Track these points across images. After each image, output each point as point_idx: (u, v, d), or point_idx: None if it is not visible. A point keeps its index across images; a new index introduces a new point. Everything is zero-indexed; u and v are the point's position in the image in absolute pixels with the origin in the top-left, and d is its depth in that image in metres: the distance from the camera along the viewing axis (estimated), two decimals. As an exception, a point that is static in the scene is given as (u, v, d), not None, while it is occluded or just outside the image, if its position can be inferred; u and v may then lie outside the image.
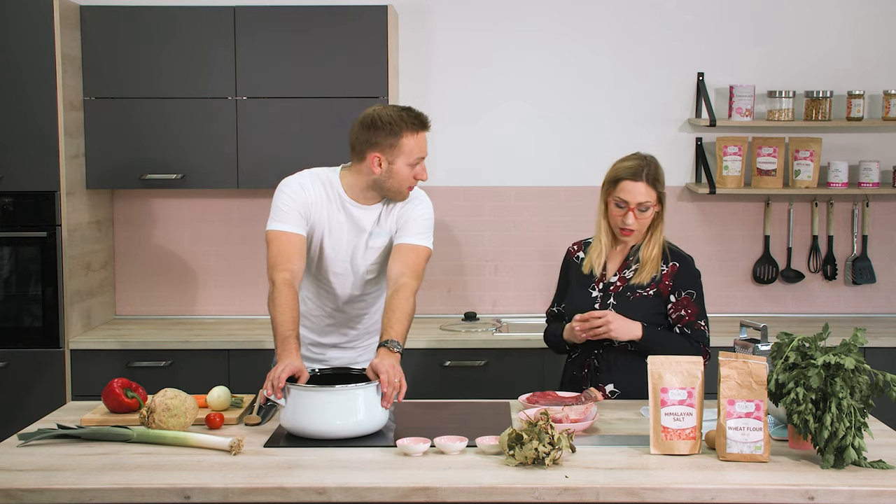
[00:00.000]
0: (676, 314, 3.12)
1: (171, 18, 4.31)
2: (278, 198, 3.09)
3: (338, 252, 3.13)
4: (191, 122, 4.35)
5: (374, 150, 3.00)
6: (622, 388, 3.14)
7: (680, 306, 3.11)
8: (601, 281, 3.18)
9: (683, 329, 3.11)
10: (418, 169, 3.04)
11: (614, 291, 3.15)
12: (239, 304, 4.76)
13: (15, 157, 4.16)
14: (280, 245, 3.02)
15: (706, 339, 3.13)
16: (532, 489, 2.31)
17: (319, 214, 3.09)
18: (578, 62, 4.69)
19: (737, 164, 4.59)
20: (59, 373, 4.20)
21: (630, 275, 3.15)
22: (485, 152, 4.74)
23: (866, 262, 4.71)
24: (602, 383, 3.16)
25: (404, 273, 3.00)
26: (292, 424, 2.66)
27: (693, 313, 3.12)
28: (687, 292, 3.13)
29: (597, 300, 3.17)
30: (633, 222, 3.09)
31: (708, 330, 3.15)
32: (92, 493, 2.31)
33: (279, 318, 2.88)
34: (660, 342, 3.06)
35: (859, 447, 2.41)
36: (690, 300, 3.12)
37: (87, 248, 4.41)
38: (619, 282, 3.16)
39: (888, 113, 4.51)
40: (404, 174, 3.02)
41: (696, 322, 3.12)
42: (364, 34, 4.29)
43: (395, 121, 2.98)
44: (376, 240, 3.13)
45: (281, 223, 3.05)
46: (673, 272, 3.12)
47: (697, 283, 3.16)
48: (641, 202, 3.07)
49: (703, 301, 3.17)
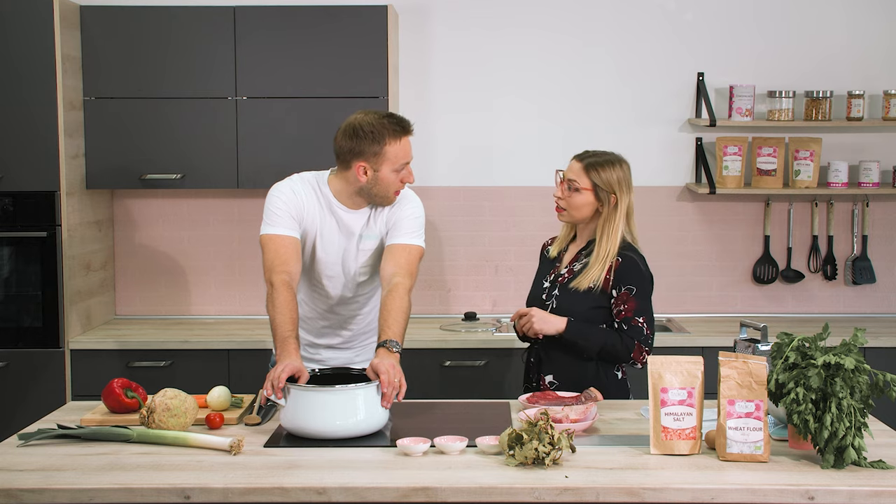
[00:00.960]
0: (616, 308, 3.14)
1: (171, 18, 4.31)
2: (271, 202, 3.10)
3: (329, 255, 3.14)
4: (191, 122, 4.35)
5: (358, 160, 3.00)
6: (560, 379, 3.19)
7: (620, 301, 3.13)
8: (555, 272, 3.27)
9: (621, 324, 3.12)
10: (404, 173, 3.04)
11: (560, 283, 3.22)
12: (239, 304, 4.76)
13: (15, 157, 4.16)
14: (276, 248, 3.03)
15: (643, 337, 3.10)
16: (532, 489, 2.31)
17: (311, 219, 3.10)
18: (578, 62, 4.69)
19: (737, 164, 4.59)
20: (59, 373, 4.20)
21: (578, 268, 3.20)
22: (485, 152, 4.74)
23: (866, 262, 4.71)
24: (542, 374, 3.23)
25: (397, 273, 2.99)
26: (292, 424, 2.66)
27: (631, 309, 3.11)
28: (627, 287, 3.12)
29: (545, 290, 3.26)
30: (561, 197, 3.19)
31: (648, 328, 3.12)
32: (92, 493, 2.31)
33: (278, 319, 2.89)
34: (585, 336, 3.11)
35: (859, 447, 2.41)
36: (629, 295, 3.11)
37: (87, 248, 4.41)
38: (567, 273, 3.22)
39: (888, 113, 4.51)
40: (390, 180, 3.03)
41: (633, 318, 3.11)
42: (364, 34, 4.29)
43: (377, 129, 2.97)
44: (367, 242, 3.14)
45: (275, 227, 3.05)
46: (615, 267, 3.13)
47: (641, 280, 3.14)
48: (571, 179, 3.17)
49: (648, 299, 3.16)
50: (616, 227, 3.15)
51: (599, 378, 3.16)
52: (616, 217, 3.15)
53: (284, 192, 3.10)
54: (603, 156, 3.19)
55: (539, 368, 3.25)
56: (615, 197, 3.15)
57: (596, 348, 3.12)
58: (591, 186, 3.15)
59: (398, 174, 3.03)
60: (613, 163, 3.17)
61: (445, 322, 4.55)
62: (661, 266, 4.74)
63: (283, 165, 4.34)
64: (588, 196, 3.16)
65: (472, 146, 4.72)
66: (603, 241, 3.15)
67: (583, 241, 3.26)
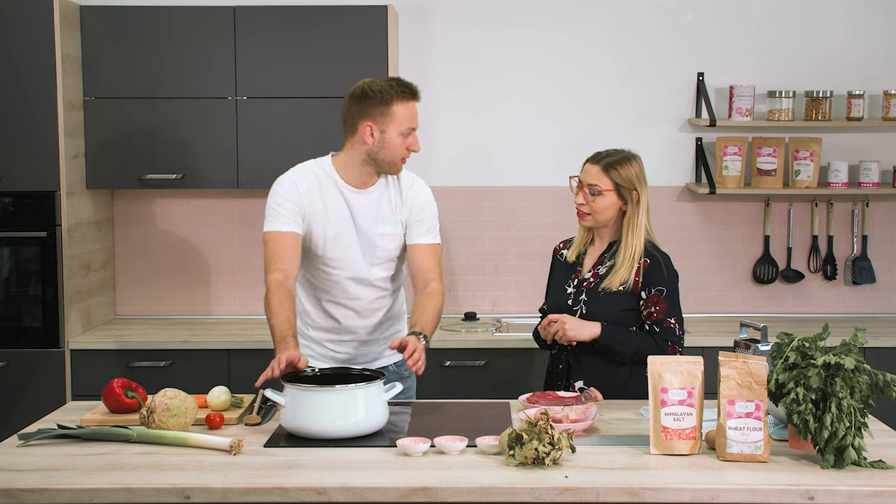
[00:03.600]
0: (647, 311, 3.11)
1: (171, 18, 4.31)
2: (271, 198, 3.13)
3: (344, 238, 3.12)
4: (191, 122, 4.35)
5: (366, 120, 3.04)
6: (591, 384, 3.14)
7: (650, 303, 3.11)
8: (577, 276, 3.22)
9: (652, 326, 3.10)
10: (410, 140, 3.08)
11: (587, 287, 3.17)
12: (239, 304, 4.76)
13: (15, 157, 4.16)
14: (274, 246, 3.06)
15: (676, 338, 3.10)
16: (532, 489, 2.31)
17: (315, 206, 3.11)
18: (578, 62, 4.70)
19: (737, 164, 4.59)
20: (59, 373, 4.20)
21: (603, 271, 3.16)
22: (485, 152, 4.74)
23: (866, 262, 4.71)
24: (573, 380, 3.19)
25: (431, 277, 3.13)
26: (292, 424, 2.66)
27: (662, 310, 3.10)
28: (657, 289, 3.10)
29: (570, 296, 3.20)
30: (584, 203, 3.15)
31: (679, 328, 3.12)
32: (92, 493, 2.31)
33: (274, 321, 2.95)
34: (621, 341, 3.08)
35: (859, 447, 2.41)
36: (660, 297, 3.10)
37: (87, 248, 4.41)
38: (592, 277, 3.18)
39: (888, 113, 4.51)
40: (396, 143, 3.06)
41: (665, 319, 3.10)
42: (364, 34, 4.29)
43: (385, 90, 3.03)
44: (386, 227, 3.14)
45: (275, 223, 3.08)
46: (643, 268, 3.11)
47: (670, 280, 3.13)
48: (591, 184, 3.13)
49: (677, 299, 3.15)
50: (640, 224, 3.13)
51: (632, 381, 3.12)
52: (639, 213, 3.13)
53: (284, 186, 3.13)
54: (617, 154, 3.16)
55: (569, 374, 3.19)
56: (637, 193, 3.13)
57: (630, 352, 3.09)
58: (612, 187, 3.12)
59: (404, 139, 3.06)
60: (629, 159, 3.15)
61: (445, 322, 4.55)
62: (661, 266, 4.75)
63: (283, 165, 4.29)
64: (611, 197, 3.12)
65: (472, 146, 4.72)
66: (629, 238, 3.12)
67: (603, 243, 3.21)
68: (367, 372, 2.84)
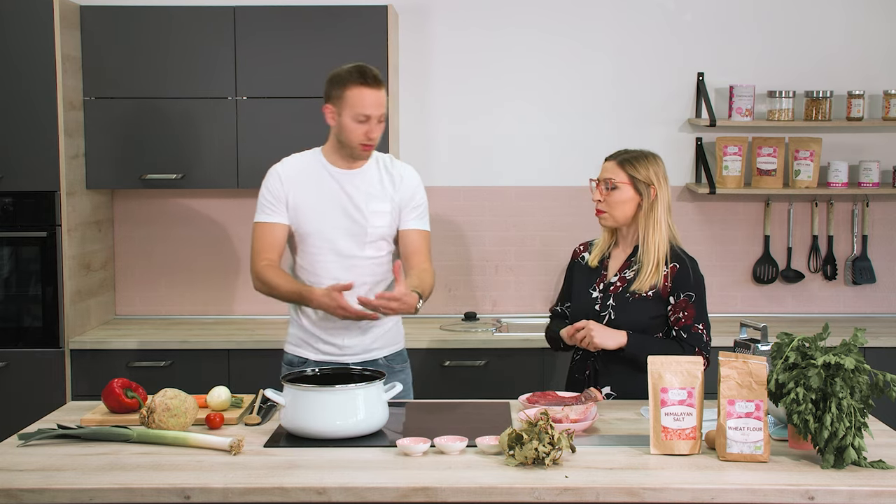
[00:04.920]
0: (675, 316, 3.08)
1: (171, 18, 4.31)
2: (261, 191, 3.26)
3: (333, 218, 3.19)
4: (191, 122, 4.35)
5: (327, 102, 3.21)
6: (617, 390, 3.13)
7: (678, 308, 3.08)
8: (601, 281, 3.18)
9: (680, 332, 3.07)
10: (367, 127, 3.13)
11: (614, 292, 3.14)
12: (239, 304, 4.76)
13: (15, 157, 4.16)
14: (260, 236, 3.22)
15: (703, 344, 3.06)
16: (532, 489, 2.31)
17: (301, 190, 3.21)
18: (578, 62, 4.70)
19: (737, 164, 4.59)
20: (59, 373, 4.20)
21: (630, 275, 3.13)
22: (485, 152, 4.74)
23: (866, 262, 4.71)
24: (599, 386, 3.15)
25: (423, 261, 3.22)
26: (292, 424, 2.66)
27: (690, 316, 3.07)
28: (686, 294, 3.08)
29: (597, 301, 3.16)
30: (600, 200, 3.14)
31: (707, 335, 3.09)
32: (92, 493, 2.31)
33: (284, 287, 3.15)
34: (648, 349, 2.99)
35: (859, 447, 2.41)
36: (689, 302, 3.07)
37: (87, 248, 4.41)
38: (619, 282, 3.14)
39: (888, 113, 4.51)
40: (351, 128, 3.14)
41: (693, 325, 3.07)
42: (364, 34, 4.29)
43: (342, 75, 3.15)
44: (378, 204, 3.20)
45: (261, 214, 3.23)
46: (672, 273, 3.09)
47: (698, 285, 3.10)
48: (607, 178, 3.12)
49: (705, 305, 3.11)
50: (660, 221, 3.09)
51: None
52: (658, 210, 3.09)
53: (268, 176, 3.27)
54: (635, 151, 3.15)
55: (596, 381, 3.16)
56: (654, 189, 3.09)
57: None
58: (628, 180, 3.09)
59: (359, 126, 3.12)
60: (647, 156, 3.14)
61: (445, 322, 4.55)
62: (661, 266, 4.75)
63: (283, 165, 4.35)
64: (628, 191, 3.10)
65: (472, 146, 4.72)
66: (649, 235, 3.09)
67: (628, 246, 3.18)
68: (366, 372, 2.84)
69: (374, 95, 3.12)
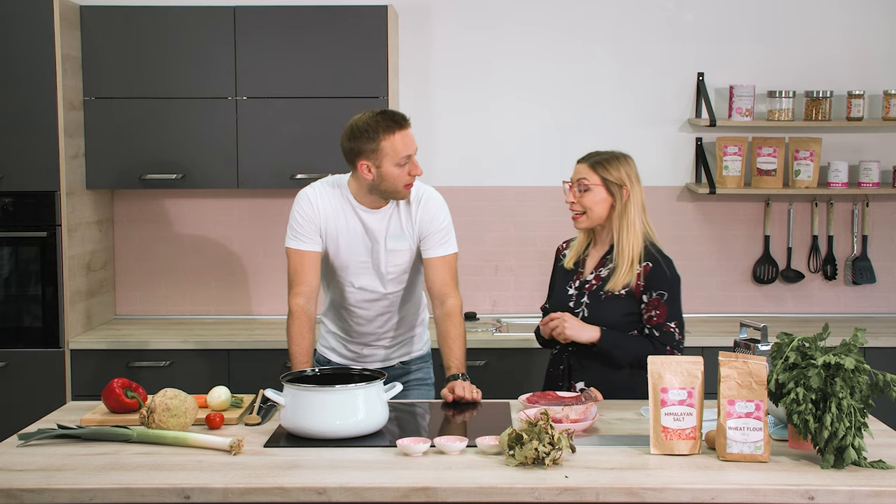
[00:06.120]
0: (647, 314, 3.11)
1: (171, 18, 4.31)
2: (292, 213, 3.21)
3: (357, 255, 3.20)
4: (191, 122, 4.35)
5: (360, 159, 3.09)
6: (593, 386, 3.13)
7: (651, 307, 3.10)
8: (578, 279, 3.22)
9: (652, 330, 3.10)
10: (409, 166, 3.09)
11: (588, 290, 3.18)
12: (239, 304, 4.76)
13: (15, 157, 4.16)
14: (294, 264, 3.17)
15: (675, 342, 3.09)
16: (532, 489, 2.31)
17: (333, 223, 3.18)
18: (579, 62, 4.70)
19: (737, 164, 4.59)
20: (59, 373, 4.20)
21: (605, 273, 3.16)
22: (485, 152, 4.74)
23: (866, 262, 4.71)
24: (574, 381, 3.20)
25: (446, 290, 3.20)
26: (292, 424, 2.66)
27: (662, 314, 3.09)
28: (658, 293, 3.10)
29: (572, 298, 3.21)
30: (574, 201, 3.16)
31: (680, 333, 3.11)
32: (92, 493, 2.31)
33: (294, 349, 3.12)
34: (620, 346, 3.08)
35: (859, 447, 2.41)
36: (661, 301, 3.09)
37: (87, 248, 4.41)
38: (594, 280, 3.18)
39: (888, 113, 4.51)
40: (394, 174, 3.08)
41: (665, 324, 3.09)
42: (364, 34, 4.29)
43: (371, 127, 3.05)
44: (394, 242, 3.20)
45: (294, 240, 3.18)
46: (645, 272, 3.11)
47: (671, 284, 3.12)
48: (579, 179, 3.15)
49: (678, 304, 3.14)
50: (633, 222, 3.13)
51: (633, 384, 3.11)
52: (631, 210, 3.13)
53: (302, 203, 3.20)
54: (606, 153, 3.19)
55: (570, 376, 3.20)
56: (626, 189, 3.13)
57: (629, 357, 3.10)
58: (601, 182, 3.13)
59: (402, 168, 3.08)
60: (619, 157, 3.17)
61: (445, 322, 4.55)
62: (661, 266, 4.75)
63: (283, 165, 4.35)
64: (600, 192, 3.13)
65: (472, 146, 4.72)
66: (623, 236, 3.13)
67: (604, 245, 3.21)
68: (366, 372, 2.84)
69: (408, 135, 3.08)
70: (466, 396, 3.00)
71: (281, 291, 4.69)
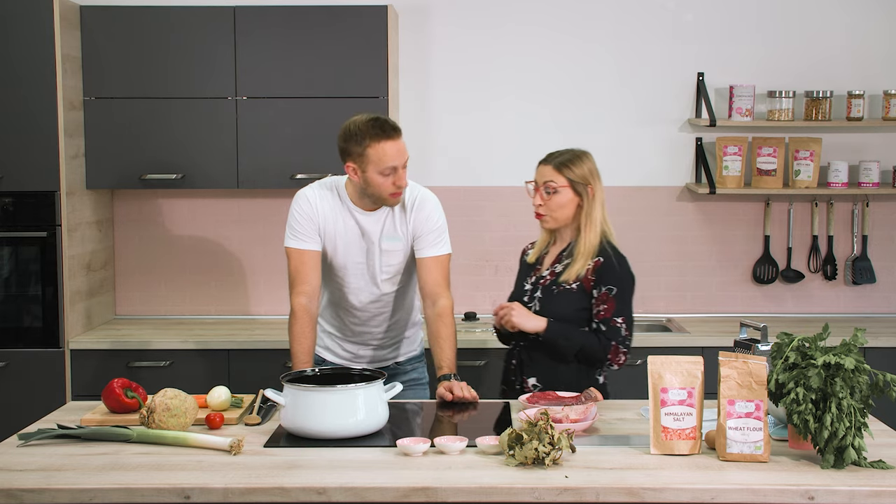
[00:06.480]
0: (596, 309, 3.16)
1: (171, 18, 4.31)
2: (291, 213, 3.22)
3: (352, 256, 3.22)
4: (191, 122, 4.35)
5: (348, 160, 3.11)
6: (543, 382, 3.20)
7: (600, 301, 3.15)
8: (535, 274, 3.27)
9: (599, 324, 3.14)
10: (395, 177, 3.09)
11: (542, 285, 3.22)
12: (239, 304, 4.76)
13: (15, 157, 4.16)
14: (296, 264, 3.18)
15: (621, 338, 3.12)
16: (532, 489, 2.31)
17: (330, 224, 3.20)
18: (579, 62, 4.69)
19: (737, 164, 4.59)
20: (59, 373, 4.20)
21: (560, 269, 3.21)
22: (485, 152, 4.73)
23: (866, 262, 4.71)
24: (526, 376, 3.23)
25: (438, 290, 3.20)
26: (292, 424, 2.66)
27: (610, 309, 3.13)
28: (607, 288, 3.14)
29: (527, 292, 3.26)
30: (541, 204, 3.20)
31: (627, 329, 3.14)
32: (92, 493, 2.31)
33: (295, 349, 3.12)
34: (566, 337, 3.12)
35: (859, 447, 2.41)
36: (609, 296, 3.13)
37: (87, 248, 4.41)
38: (549, 276, 3.23)
39: (888, 113, 4.51)
40: (378, 182, 3.09)
41: (612, 319, 3.13)
42: (364, 34, 4.29)
43: (360, 131, 3.06)
44: (388, 243, 3.22)
45: (295, 240, 3.19)
46: (595, 267, 3.15)
47: (621, 281, 3.16)
48: (546, 182, 3.18)
49: (629, 301, 3.17)
50: (596, 219, 3.18)
51: (580, 381, 3.15)
52: (595, 207, 3.18)
53: (301, 203, 3.21)
54: (568, 153, 3.23)
55: (522, 371, 3.25)
56: (591, 188, 3.18)
57: (575, 349, 3.13)
58: (567, 183, 3.18)
59: (386, 178, 3.09)
60: (580, 156, 3.22)
61: (445, 322, 4.55)
62: (661, 266, 4.75)
63: (283, 165, 4.35)
64: (567, 193, 3.18)
65: (471, 146, 4.72)
66: (585, 233, 3.17)
67: (563, 243, 3.27)
68: (367, 372, 2.84)
69: (396, 146, 3.07)
70: (467, 396, 3.01)
71: (281, 292, 4.69)
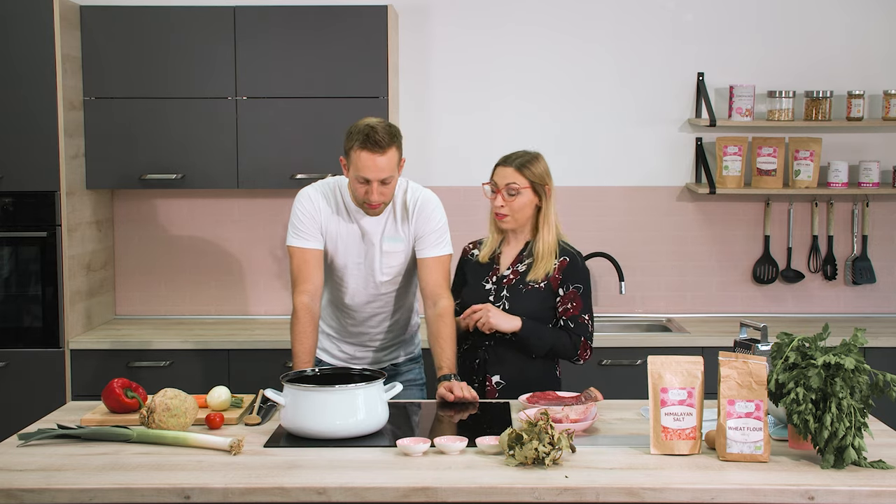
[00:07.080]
0: (563, 307, 3.23)
1: (171, 18, 4.31)
2: (294, 212, 3.24)
3: (352, 256, 3.24)
4: (191, 122, 4.35)
5: (343, 155, 3.16)
6: (507, 379, 3.24)
7: (567, 299, 3.23)
8: (494, 274, 3.30)
9: (567, 322, 3.22)
10: (367, 188, 3.10)
11: (507, 284, 3.26)
12: (239, 304, 4.76)
13: (15, 157, 4.16)
14: (298, 262, 3.20)
15: (588, 334, 3.24)
16: (532, 489, 2.31)
17: (329, 225, 3.22)
18: (578, 62, 4.69)
19: (737, 164, 4.59)
20: (59, 373, 4.20)
21: (523, 268, 3.26)
22: (485, 152, 4.71)
23: (866, 262, 4.71)
24: (490, 374, 3.25)
25: (438, 290, 3.22)
26: (292, 424, 2.66)
27: (578, 307, 3.23)
28: (574, 286, 3.24)
29: (490, 292, 3.28)
30: (503, 205, 3.25)
31: (591, 325, 3.25)
32: (92, 493, 2.31)
33: (297, 348, 3.12)
34: (539, 335, 3.19)
35: (859, 447, 2.41)
36: (577, 294, 3.23)
37: (87, 248, 4.41)
38: (512, 275, 3.27)
39: (888, 113, 4.51)
40: (354, 186, 3.14)
41: (580, 316, 3.23)
42: (364, 34, 4.29)
43: (353, 133, 3.10)
44: (389, 244, 3.24)
45: (297, 238, 3.21)
46: (562, 266, 3.24)
47: (585, 278, 3.27)
48: (508, 183, 3.24)
49: (590, 297, 3.28)
50: (552, 218, 3.26)
51: (545, 376, 3.24)
52: (551, 206, 3.26)
53: (303, 202, 3.24)
54: (525, 154, 3.30)
55: (485, 369, 3.27)
56: (549, 187, 3.26)
57: (547, 346, 3.20)
58: (528, 184, 3.24)
59: (360, 186, 3.11)
60: (536, 157, 3.29)
61: (445, 322, 4.54)
62: (660, 266, 4.75)
63: (283, 165, 4.35)
64: (528, 194, 3.24)
65: (471, 146, 4.72)
66: (544, 232, 3.25)
67: (520, 242, 3.32)
68: (367, 372, 2.84)
69: (374, 160, 3.06)
70: (467, 397, 3.01)
71: (281, 292, 4.70)
